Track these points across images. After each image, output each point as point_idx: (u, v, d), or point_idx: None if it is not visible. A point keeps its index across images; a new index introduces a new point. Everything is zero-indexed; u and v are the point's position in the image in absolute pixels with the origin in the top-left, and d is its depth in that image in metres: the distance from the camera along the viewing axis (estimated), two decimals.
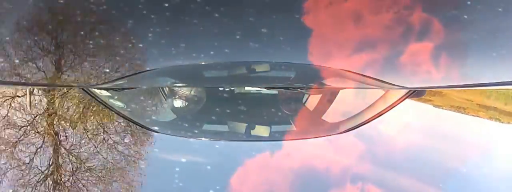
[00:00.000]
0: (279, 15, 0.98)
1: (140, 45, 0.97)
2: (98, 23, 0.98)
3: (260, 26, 0.97)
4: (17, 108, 1.06)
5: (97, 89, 1.05)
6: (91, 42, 0.98)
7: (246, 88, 1.06)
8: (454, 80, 1.02)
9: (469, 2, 0.99)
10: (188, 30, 0.99)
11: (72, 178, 1.01)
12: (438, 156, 1.04)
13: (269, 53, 0.98)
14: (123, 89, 1.06)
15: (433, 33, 1.00)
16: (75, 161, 1.03)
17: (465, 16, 1.00)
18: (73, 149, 1.05)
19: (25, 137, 1.05)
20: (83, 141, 1.06)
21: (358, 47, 0.99)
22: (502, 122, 1.15)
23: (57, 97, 1.08)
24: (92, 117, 1.08)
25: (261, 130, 1.03)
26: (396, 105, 1.05)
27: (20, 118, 1.06)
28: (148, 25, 0.96)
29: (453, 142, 1.07)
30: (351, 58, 0.98)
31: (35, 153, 1.04)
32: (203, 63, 1.01)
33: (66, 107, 1.09)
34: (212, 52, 0.97)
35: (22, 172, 1.01)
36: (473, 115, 1.15)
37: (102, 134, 1.06)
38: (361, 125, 1.04)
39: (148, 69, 1.01)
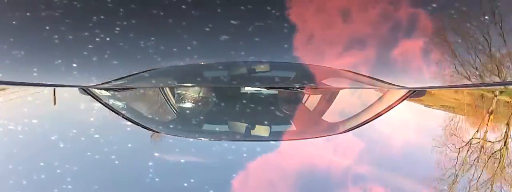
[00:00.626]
0: (248, 6, 0.98)
1: (108, 39, 0.97)
2: (64, 17, 0.98)
3: (229, 18, 0.96)
4: None
5: (97, 89, 1.04)
6: (56, 36, 0.96)
7: (246, 88, 1.06)
8: (447, 77, 1.02)
9: None
10: (156, 23, 0.98)
11: None
12: (438, 155, 1.04)
13: (240, 44, 0.98)
14: (123, 89, 1.06)
15: (423, 29, 1.00)
16: None
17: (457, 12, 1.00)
18: None
19: None
20: None
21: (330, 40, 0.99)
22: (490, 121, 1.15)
23: None
24: None
25: (261, 130, 1.03)
26: (395, 105, 1.06)
27: None
28: (115, 19, 0.96)
29: (450, 142, 1.07)
30: (319, 48, 0.98)
31: None
32: (203, 63, 1.01)
33: None
34: (186, 46, 0.96)
35: None
36: (462, 115, 1.15)
37: None
38: (361, 125, 1.04)
39: (148, 69, 1.01)
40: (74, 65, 0.97)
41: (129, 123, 1.03)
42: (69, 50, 0.98)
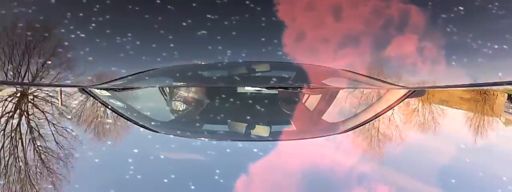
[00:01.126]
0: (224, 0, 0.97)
1: (82, 35, 0.96)
2: (37, 14, 0.97)
3: (206, 12, 0.96)
4: None
5: (97, 89, 1.05)
6: (30, 33, 0.96)
7: (246, 88, 1.06)
8: (441, 72, 1.02)
9: None
10: (132, 19, 0.98)
11: None
12: (437, 155, 1.04)
13: (217, 40, 0.97)
14: (123, 89, 1.06)
15: (416, 25, 1.00)
16: None
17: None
18: None
19: None
20: None
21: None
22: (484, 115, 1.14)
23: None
24: None
25: (261, 130, 1.02)
26: (396, 105, 1.05)
27: None
28: (90, 15, 0.95)
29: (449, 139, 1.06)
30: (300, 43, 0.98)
31: None
32: (203, 63, 1.01)
33: None
34: (163, 42, 0.96)
35: None
36: (456, 108, 1.14)
37: None
38: (361, 125, 1.04)
39: (148, 69, 1.01)
40: (49, 62, 0.97)
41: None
42: (43, 47, 0.97)
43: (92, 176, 0.93)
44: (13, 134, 0.99)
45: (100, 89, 1.04)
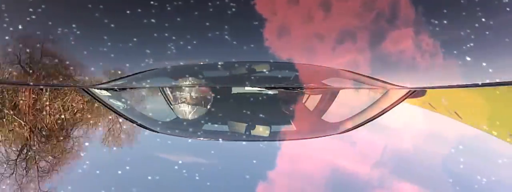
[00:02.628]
0: None
1: (20, 27, 0.94)
2: None
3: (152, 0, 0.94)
4: None
5: (97, 89, 1.05)
6: None
7: (246, 88, 1.06)
8: (439, 70, 1.02)
9: None
10: (74, 8, 0.96)
11: None
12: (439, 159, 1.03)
13: (164, 27, 0.96)
14: (123, 89, 1.06)
15: (411, 18, 1.00)
16: None
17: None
18: None
19: None
20: None
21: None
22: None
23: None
24: None
25: (261, 130, 1.02)
26: (396, 105, 1.05)
27: None
28: (26, 5, 0.92)
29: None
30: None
31: None
32: (202, 63, 1.02)
33: None
34: (107, 31, 0.93)
35: None
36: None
37: None
38: (361, 125, 1.04)
39: (148, 69, 1.01)
40: None
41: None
42: None
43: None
44: None
45: (100, 89, 1.04)
